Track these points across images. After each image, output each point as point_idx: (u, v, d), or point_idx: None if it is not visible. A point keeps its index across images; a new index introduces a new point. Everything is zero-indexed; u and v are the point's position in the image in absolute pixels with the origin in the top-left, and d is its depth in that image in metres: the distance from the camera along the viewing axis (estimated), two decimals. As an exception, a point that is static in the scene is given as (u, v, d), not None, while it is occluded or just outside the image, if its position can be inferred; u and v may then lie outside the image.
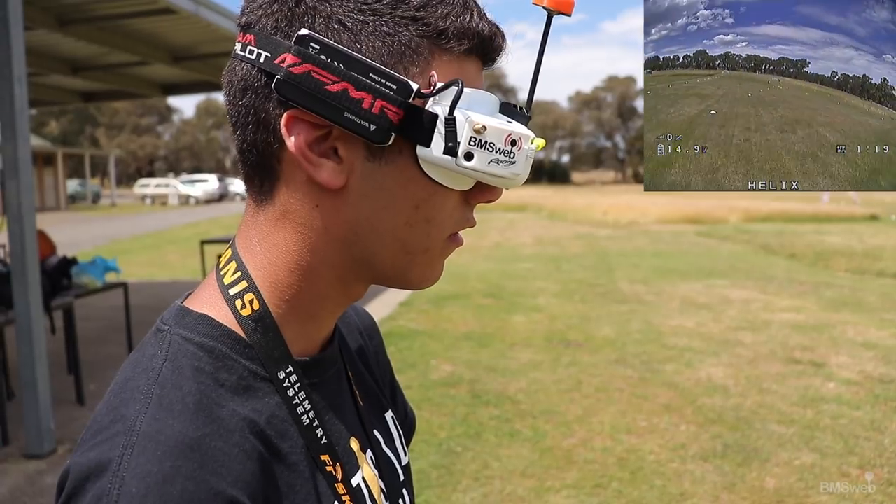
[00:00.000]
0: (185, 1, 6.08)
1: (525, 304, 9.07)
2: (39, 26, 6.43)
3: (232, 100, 0.65)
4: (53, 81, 9.90)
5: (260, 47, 0.62)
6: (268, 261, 0.67)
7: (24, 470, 4.24)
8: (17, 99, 4.28)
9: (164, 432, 0.56)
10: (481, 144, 0.62)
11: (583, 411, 5.12)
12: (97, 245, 16.65)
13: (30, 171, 4.43)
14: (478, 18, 0.64)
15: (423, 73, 0.62)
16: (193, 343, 0.64)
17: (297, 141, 0.61)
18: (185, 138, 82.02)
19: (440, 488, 3.94)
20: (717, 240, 16.85)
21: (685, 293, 9.68)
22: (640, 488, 3.95)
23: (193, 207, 39.57)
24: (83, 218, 29.43)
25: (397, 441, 0.86)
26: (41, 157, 34.47)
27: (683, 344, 6.92)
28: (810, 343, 6.92)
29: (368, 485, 0.73)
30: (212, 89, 11.28)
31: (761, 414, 5.03)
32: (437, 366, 6.22)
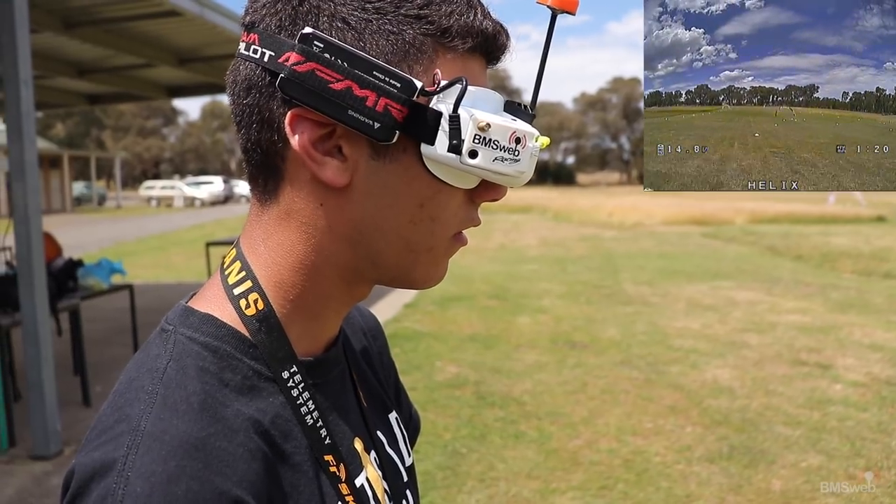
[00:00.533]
0: (190, 3, 6.09)
1: (530, 305, 9.06)
2: (45, 29, 6.45)
3: (236, 99, 0.65)
4: (59, 84, 9.93)
5: (264, 46, 0.62)
6: (272, 260, 0.67)
7: (30, 471, 4.25)
8: (24, 102, 4.29)
9: (168, 432, 0.56)
10: (485, 142, 0.62)
11: (588, 413, 5.11)
12: (103, 247, 16.70)
13: (36, 174, 4.44)
14: (482, 16, 0.64)
15: (427, 71, 0.62)
16: (198, 343, 0.64)
17: (301, 139, 0.61)
18: (191, 140, 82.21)
19: (445, 489, 3.94)
20: (723, 241, 16.81)
21: (691, 295, 9.66)
22: (646, 490, 3.95)
23: (199, 209, 39.62)
24: (89, 220, 29.51)
25: (401, 442, 0.86)
26: (47, 160, 34.58)
27: (689, 345, 6.90)
28: (817, 345, 6.90)
29: (372, 485, 0.73)
30: (217, 91, 11.32)
31: (767, 416, 5.01)
32: (442, 367, 6.21)
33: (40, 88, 9.37)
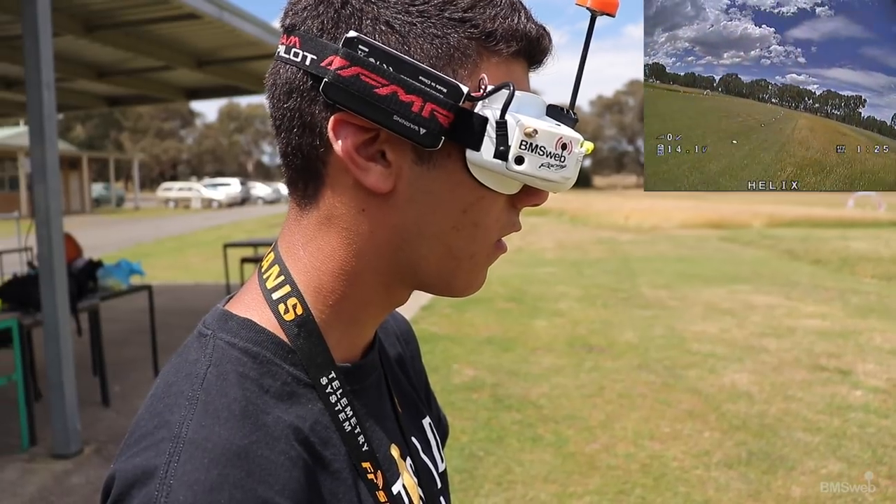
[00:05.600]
0: (208, 6, 6.12)
1: (547, 308, 9.04)
2: (66, 32, 6.50)
3: (276, 103, 0.64)
4: (79, 86, 10.00)
5: (305, 49, 0.61)
6: (312, 265, 0.67)
7: (51, 469, 4.28)
8: (46, 105, 4.32)
9: (210, 440, 0.56)
10: (532, 148, 0.61)
11: (605, 417, 5.09)
12: (121, 248, 16.81)
13: (57, 176, 4.48)
14: (525, 19, 0.63)
15: (472, 75, 0.61)
16: (237, 348, 0.63)
17: (344, 145, 0.61)
18: (208, 142, 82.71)
19: (462, 493, 3.93)
20: (741, 245, 16.70)
21: (708, 298, 9.60)
22: (664, 495, 3.92)
23: (216, 211, 39.84)
24: (108, 221, 29.73)
25: (434, 448, 0.85)
26: (67, 162, 34.91)
27: (707, 350, 6.86)
28: (836, 350, 6.83)
29: (409, 493, 0.72)
30: (234, 94, 11.34)
31: (786, 421, 4.97)
32: (459, 370, 6.21)
33: (61, 91, 9.45)
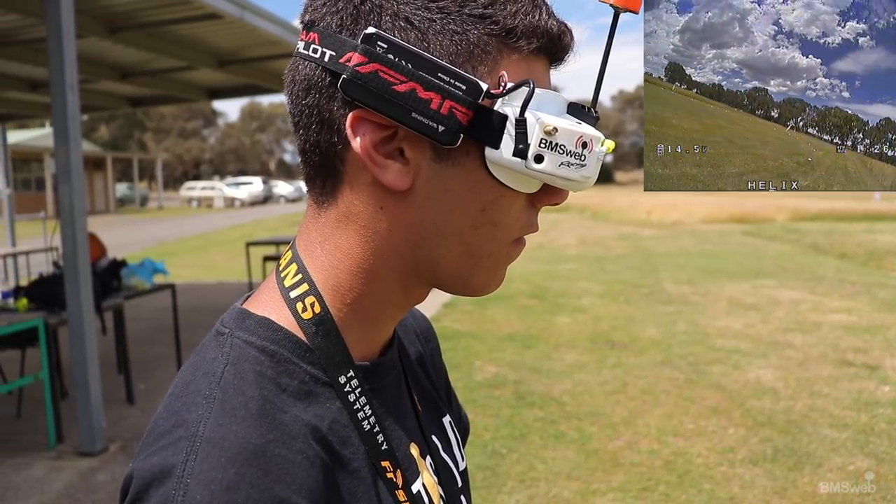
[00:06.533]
0: (230, 6, 6.15)
1: (569, 304, 9.01)
2: (90, 34, 6.56)
3: (294, 99, 0.64)
4: (103, 87, 10.08)
5: (324, 46, 0.60)
6: (330, 263, 0.66)
7: (77, 467, 4.33)
8: (70, 106, 4.37)
9: (227, 438, 0.56)
10: (552, 146, 0.60)
11: (629, 413, 5.06)
12: (145, 247, 16.98)
13: (82, 176, 4.53)
14: (546, 16, 0.62)
15: (492, 72, 0.60)
16: (255, 347, 0.63)
17: (362, 142, 0.60)
18: (230, 142, 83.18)
19: (485, 490, 3.93)
20: (765, 239, 16.54)
21: (732, 294, 9.52)
22: (688, 492, 3.89)
23: (238, 210, 40.10)
24: (132, 221, 30.04)
25: (455, 446, 0.85)
26: (91, 162, 35.31)
27: (731, 345, 6.80)
28: (863, 345, 6.75)
29: (428, 491, 0.72)
30: (256, 93, 11.39)
31: (813, 417, 4.91)
32: (481, 367, 6.20)
33: (85, 92, 9.55)
